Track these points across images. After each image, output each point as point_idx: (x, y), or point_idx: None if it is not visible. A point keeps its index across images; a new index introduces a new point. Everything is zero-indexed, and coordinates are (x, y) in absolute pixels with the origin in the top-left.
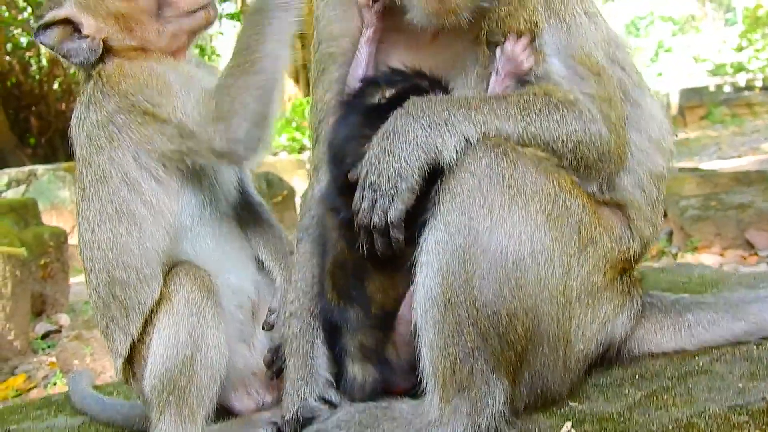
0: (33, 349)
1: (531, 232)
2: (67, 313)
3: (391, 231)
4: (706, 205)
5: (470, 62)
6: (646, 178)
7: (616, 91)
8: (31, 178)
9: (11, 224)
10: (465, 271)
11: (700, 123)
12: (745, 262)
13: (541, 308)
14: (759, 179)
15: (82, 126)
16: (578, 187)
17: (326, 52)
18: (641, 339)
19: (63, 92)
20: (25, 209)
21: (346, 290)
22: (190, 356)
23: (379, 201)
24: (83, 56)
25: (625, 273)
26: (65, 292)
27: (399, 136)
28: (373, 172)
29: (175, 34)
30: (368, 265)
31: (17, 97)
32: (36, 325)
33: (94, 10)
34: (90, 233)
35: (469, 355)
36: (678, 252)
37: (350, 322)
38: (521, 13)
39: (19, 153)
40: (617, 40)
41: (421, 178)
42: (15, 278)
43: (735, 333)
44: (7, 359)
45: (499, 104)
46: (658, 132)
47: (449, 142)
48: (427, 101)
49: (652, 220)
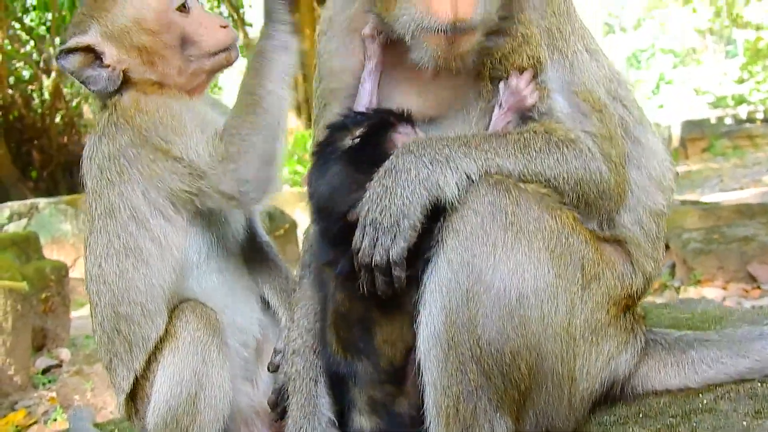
0: (33, 384)
1: (534, 270)
2: (68, 347)
3: (393, 269)
4: (709, 239)
5: (473, 97)
6: (645, 215)
7: (618, 128)
8: (32, 212)
9: (13, 258)
10: (468, 309)
11: (702, 155)
12: (748, 295)
13: (545, 346)
14: (761, 212)
15: (93, 158)
16: (580, 224)
17: (328, 87)
18: (645, 376)
19: (65, 126)
20: (26, 243)
21: (352, 343)
22: (194, 395)
23: (380, 239)
24: (102, 85)
25: (629, 310)
26: (66, 326)
27: (401, 173)
28: (374, 210)
29: (196, 73)
30: (373, 315)
31: (19, 131)
32: (36, 359)
33: (118, 40)
34: (97, 267)
35: (473, 394)
36: (680, 286)
37: (359, 375)
38: (525, 49)
39: (21, 186)
40: (618, 76)
41: (423, 215)
42: (16, 312)
43: (739, 370)
44: (8, 394)
45: (500, 142)
46: (659, 169)
47: (451, 179)
48: (428, 140)
49: (654, 256)
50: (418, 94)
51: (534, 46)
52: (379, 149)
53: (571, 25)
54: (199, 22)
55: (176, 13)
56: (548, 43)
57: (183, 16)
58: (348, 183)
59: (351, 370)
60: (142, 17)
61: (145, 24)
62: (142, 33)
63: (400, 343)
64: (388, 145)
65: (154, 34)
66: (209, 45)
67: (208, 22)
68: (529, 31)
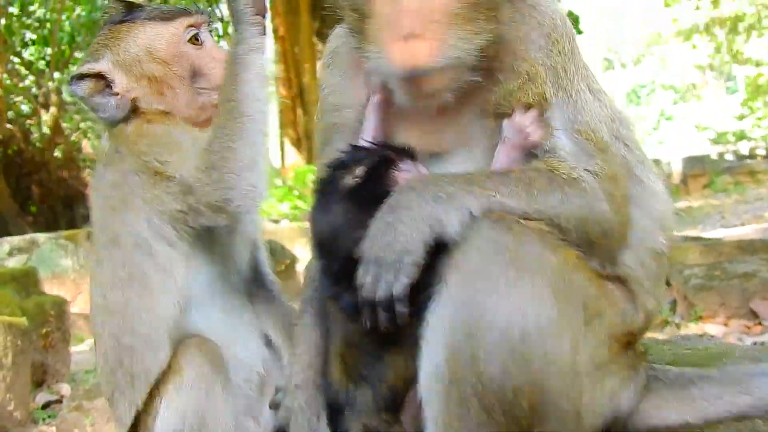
0: (33, 420)
1: (537, 307)
2: (68, 382)
3: (396, 305)
4: (710, 275)
5: (477, 133)
6: (647, 254)
7: (621, 169)
8: (32, 247)
9: (12, 293)
10: (470, 345)
11: (703, 191)
12: (750, 331)
13: (547, 383)
14: (763, 248)
15: (98, 187)
16: (583, 261)
17: (331, 121)
18: (646, 413)
19: (64, 160)
20: (26, 278)
21: (357, 371)
22: (196, 430)
23: (383, 275)
24: (110, 113)
25: (630, 346)
26: (66, 361)
27: (403, 210)
28: (377, 246)
29: (204, 106)
30: (377, 344)
31: (19, 165)
32: (36, 395)
33: (129, 69)
34: (101, 298)
35: (474, 431)
36: (681, 322)
37: (356, 404)
38: (529, 87)
39: (20, 221)
40: (621, 116)
41: (425, 252)
42: (16, 348)
43: (740, 408)
44: (7, 430)
45: (502, 180)
46: (660, 210)
47: (453, 216)
48: (430, 177)
49: (655, 295)
50: (422, 129)
51: (539, 84)
52: (380, 187)
53: (575, 64)
54: (211, 56)
55: (188, 45)
56: (553, 82)
57: (195, 48)
58: (350, 222)
59: (349, 399)
60: (154, 47)
61: (156, 54)
62: (153, 63)
63: (403, 371)
64: (390, 183)
65: (165, 64)
66: (219, 78)
67: (219, 56)
68: (533, 70)
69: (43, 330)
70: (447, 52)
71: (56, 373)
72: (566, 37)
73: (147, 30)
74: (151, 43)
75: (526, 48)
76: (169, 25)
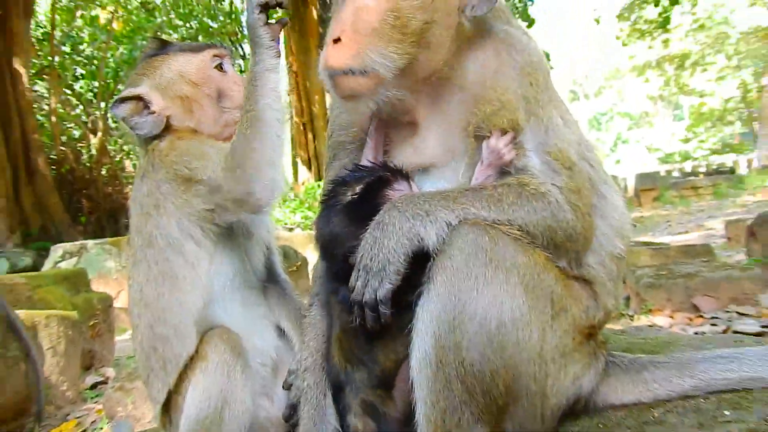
0: (83, 398)
1: (511, 302)
2: (112, 366)
3: (380, 307)
4: (659, 275)
5: (460, 152)
6: (607, 258)
7: (585, 182)
8: (81, 251)
9: (65, 291)
10: (454, 335)
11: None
12: (692, 323)
13: (520, 368)
14: (704, 252)
15: (136, 198)
16: (551, 263)
17: (337, 140)
18: (605, 393)
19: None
20: (76, 278)
21: (353, 354)
22: (220, 409)
23: (370, 281)
24: (147, 130)
25: (591, 337)
26: (111, 349)
27: (387, 227)
28: (366, 257)
29: (227, 123)
30: (372, 332)
31: (70, 182)
32: (85, 377)
33: (164, 90)
34: (138, 292)
35: (458, 408)
36: (634, 315)
37: (355, 382)
38: (504, 114)
39: (72, 230)
40: (587, 143)
41: (406, 262)
42: (68, 337)
43: (685, 388)
44: (61, 407)
45: (476, 195)
46: (619, 220)
47: (431, 230)
48: (412, 196)
49: (614, 294)
50: (414, 147)
51: (511, 110)
52: (375, 204)
53: (548, 95)
54: (233, 81)
55: (214, 70)
56: (525, 109)
57: (220, 74)
58: (347, 233)
59: (349, 379)
60: (185, 71)
61: (187, 77)
62: (184, 84)
63: (393, 354)
64: (384, 200)
65: (195, 85)
66: (240, 98)
67: (240, 81)
68: (506, 98)
69: (91, 322)
70: (362, 60)
71: (102, 358)
72: (540, 72)
73: (179, 58)
74: (183, 68)
75: (500, 79)
76: (198, 54)
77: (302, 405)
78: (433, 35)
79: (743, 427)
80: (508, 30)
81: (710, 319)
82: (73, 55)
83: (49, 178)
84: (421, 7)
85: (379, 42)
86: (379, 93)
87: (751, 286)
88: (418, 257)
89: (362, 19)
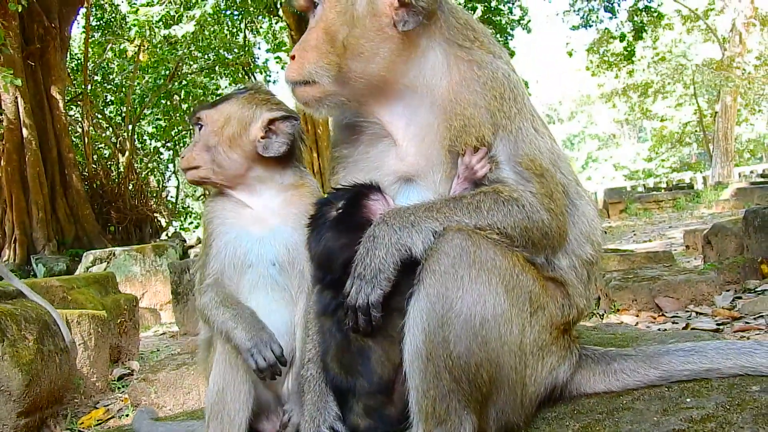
0: (111, 388)
1: (493, 300)
2: (137, 360)
3: (371, 311)
4: (625, 278)
5: (439, 163)
6: (578, 262)
7: (558, 186)
8: (110, 257)
9: (95, 293)
10: (443, 331)
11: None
12: (656, 321)
13: (502, 360)
14: (665, 258)
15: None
16: (529, 264)
17: (337, 155)
18: (578, 383)
19: (135, 192)
20: (106, 281)
21: (352, 367)
22: (222, 390)
23: (363, 288)
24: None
25: (566, 332)
26: (136, 344)
27: (378, 239)
28: (360, 266)
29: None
30: (369, 344)
31: (101, 195)
32: (113, 370)
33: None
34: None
35: (446, 396)
36: (604, 313)
37: (357, 389)
38: (471, 129)
39: (101, 238)
40: (560, 153)
41: (395, 270)
42: (97, 333)
43: (651, 378)
44: (91, 396)
45: (456, 204)
46: (589, 227)
47: (417, 240)
48: (399, 210)
49: (585, 296)
50: (400, 159)
51: (477, 126)
52: (358, 215)
53: (517, 107)
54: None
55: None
56: (492, 122)
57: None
58: (340, 245)
59: (350, 386)
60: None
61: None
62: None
63: (389, 363)
64: (364, 210)
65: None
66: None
67: None
68: (469, 112)
69: (119, 320)
70: (305, 72)
71: (128, 353)
72: (505, 86)
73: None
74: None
75: (463, 94)
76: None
77: (306, 393)
78: (362, 47)
79: (703, 413)
80: (472, 48)
81: (671, 318)
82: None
83: (82, 192)
84: (344, 23)
85: (316, 56)
86: (328, 99)
87: (707, 288)
88: (408, 265)
89: (307, 39)
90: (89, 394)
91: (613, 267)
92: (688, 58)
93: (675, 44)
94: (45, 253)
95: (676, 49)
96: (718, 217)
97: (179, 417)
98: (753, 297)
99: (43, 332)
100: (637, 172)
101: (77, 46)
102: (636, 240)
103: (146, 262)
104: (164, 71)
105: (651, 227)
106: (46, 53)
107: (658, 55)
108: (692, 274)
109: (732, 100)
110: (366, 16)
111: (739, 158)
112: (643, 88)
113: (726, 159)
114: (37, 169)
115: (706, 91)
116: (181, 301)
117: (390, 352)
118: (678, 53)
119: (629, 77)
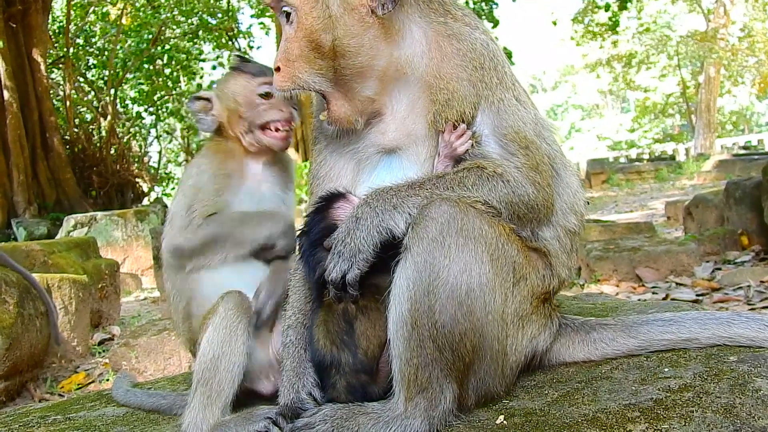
0: (91, 353)
1: (478, 269)
2: (118, 325)
3: (348, 288)
4: (606, 248)
5: (422, 137)
6: (562, 232)
7: (543, 158)
8: (91, 222)
9: (76, 257)
10: (428, 299)
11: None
12: (636, 291)
13: (485, 329)
14: (646, 228)
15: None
16: (514, 234)
17: (319, 125)
18: (558, 351)
19: (117, 156)
20: (87, 245)
21: (338, 336)
22: (216, 358)
23: (341, 265)
24: (204, 126)
25: (547, 301)
26: (117, 309)
27: (359, 221)
28: (341, 244)
29: (253, 144)
30: (355, 311)
31: (82, 160)
32: (94, 334)
33: (221, 100)
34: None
35: (429, 365)
36: (585, 283)
37: (340, 365)
38: (453, 104)
39: (83, 202)
40: (544, 122)
41: (374, 251)
42: (78, 298)
43: (629, 348)
44: (71, 360)
45: (439, 181)
46: (573, 198)
47: (400, 221)
48: (382, 191)
49: (568, 265)
50: (382, 133)
51: (459, 99)
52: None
53: (498, 77)
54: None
55: (258, 97)
56: (474, 93)
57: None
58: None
59: (333, 362)
60: (235, 90)
61: (234, 96)
62: (232, 101)
63: (375, 338)
64: (331, 216)
65: (238, 104)
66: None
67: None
68: (452, 86)
69: (99, 285)
70: (298, 81)
71: (109, 317)
72: (485, 56)
73: (238, 79)
74: (234, 88)
75: (444, 68)
76: (252, 80)
77: (284, 359)
78: (349, 45)
79: (680, 383)
80: (447, 22)
81: (651, 288)
82: (86, 47)
83: (64, 156)
84: (325, 28)
85: (306, 65)
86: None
87: (687, 259)
88: (391, 245)
89: (289, 49)
90: (70, 359)
91: (594, 237)
92: (673, 29)
93: (659, 15)
94: (26, 216)
95: (661, 19)
96: (700, 188)
97: (159, 382)
98: (732, 268)
99: (24, 296)
100: (620, 142)
101: (59, 8)
102: (617, 210)
103: (128, 227)
104: (147, 35)
105: (633, 198)
106: (28, 15)
107: (642, 25)
108: (673, 245)
109: (715, 71)
110: (343, 14)
111: (721, 130)
112: (627, 58)
113: (708, 130)
114: (18, 132)
115: (690, 62)
116: (163, 266)
117: (377, 327)
118: (662, 24)
119: (613, 47)
